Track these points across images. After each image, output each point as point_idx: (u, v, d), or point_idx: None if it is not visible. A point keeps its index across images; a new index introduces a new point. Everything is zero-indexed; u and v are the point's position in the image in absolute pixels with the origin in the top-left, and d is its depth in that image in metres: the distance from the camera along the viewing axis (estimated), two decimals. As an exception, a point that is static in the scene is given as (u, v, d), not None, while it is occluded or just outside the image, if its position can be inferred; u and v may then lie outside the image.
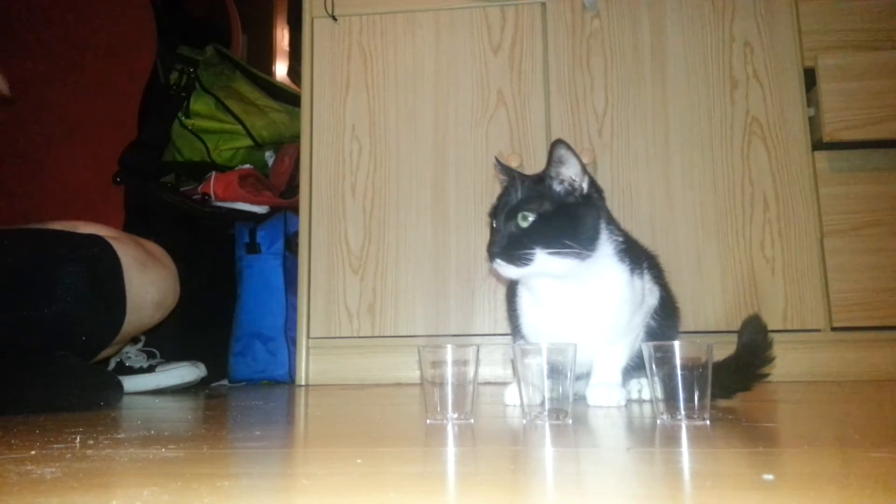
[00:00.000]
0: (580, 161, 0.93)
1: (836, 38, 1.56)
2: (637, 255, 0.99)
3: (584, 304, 0.95)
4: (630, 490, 0.46)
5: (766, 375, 1.00)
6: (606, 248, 0.94)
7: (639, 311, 0.98)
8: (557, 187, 0.93)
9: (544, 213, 0.91)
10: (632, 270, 0.96)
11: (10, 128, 2.20)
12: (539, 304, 0.99)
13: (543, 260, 0.90)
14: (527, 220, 0.91)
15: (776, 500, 0.41)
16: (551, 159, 0.93)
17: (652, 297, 1.02)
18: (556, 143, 0.92)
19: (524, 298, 1.02)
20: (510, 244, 0.91)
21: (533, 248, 0.90)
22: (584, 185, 0.93)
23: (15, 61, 2.22)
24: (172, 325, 1.40)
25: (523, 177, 0.97)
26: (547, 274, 0.93)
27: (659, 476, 0.50)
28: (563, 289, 0.95)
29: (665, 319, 1.05)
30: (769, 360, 1.00)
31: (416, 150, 1.65)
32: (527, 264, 0.90)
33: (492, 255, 0.92)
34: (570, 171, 0.92)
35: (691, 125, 1.58)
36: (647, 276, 1.00)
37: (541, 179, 0.95)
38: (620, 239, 0.96)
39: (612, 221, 0.98)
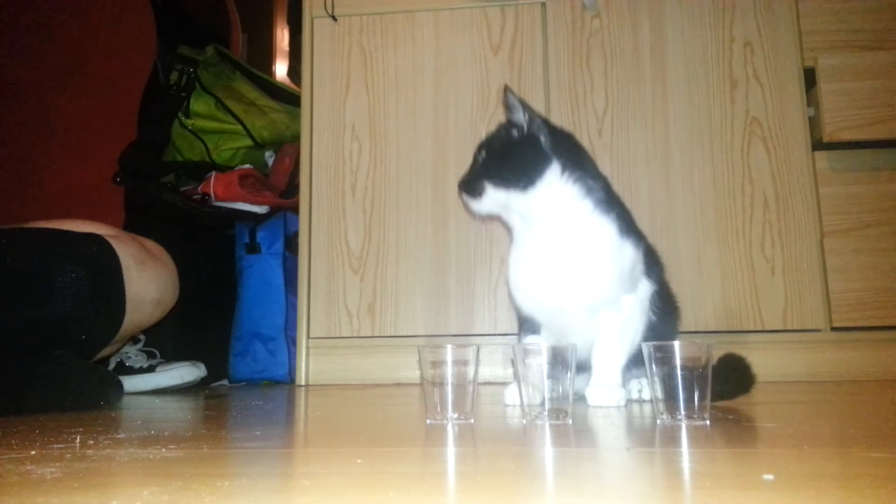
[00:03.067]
0: (524, 105, 1.02)
1: (836, 38, 1.56)
2: (629, 222, 1.02)
3: (566, 258, 0.98)
4: (630, 490, 0.46)
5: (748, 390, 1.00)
6: (569, 188, 0.99)
7: (627, 281, 0.98)
8: (511, 129, 1.04)
9: (493, 150, 1.05)
10: (620, 230, 0.98)
11: (11, 128, 2.20)
12: (523, 257, 1.03)
13: (492, 192, 1.01)
14: (482, 156, 1.05)
15: (776, 500, 0.41)
16: (504, 105, 1.04)
17: (646, 282, 1.02)
18: (504, 92, 1.03)
19: (512, 256, 1.06)
20: (470, 178, 1.05)
21: (483, 181, 1.02)
22: (525, 126, 1.02)
23: (15, 62, 2.22)
24: (172, 325, 1.40)
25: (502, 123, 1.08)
26: (504, 207, 1.02)
27: (659, 476, 0.50)
28: (545, 241, 1.00)
29: (665, 315, 1.05)
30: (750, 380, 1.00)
31: (416, 150, 1.65)
32: (479, 196, 1.02)
33: (459, 188, 1.06)
34: (516, 115, 1.02)
35: (691, 125, 1.58)
36: (639, 246, 1.01)
37: (504, 122, 1.06)
38: (599, 185, 1.01)
39: (584, 168, 1.01)
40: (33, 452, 0.60)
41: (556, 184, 0.98)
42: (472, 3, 1.67)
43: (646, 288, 1.02)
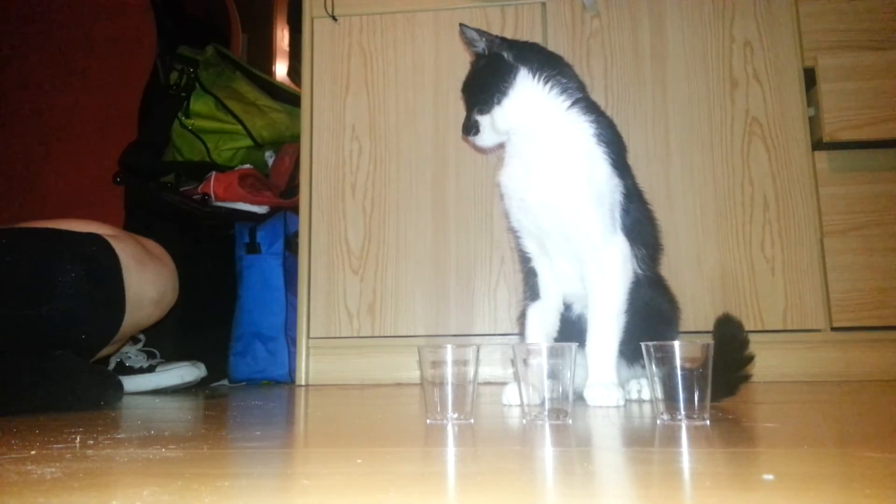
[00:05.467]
0: (480, 33, 1.07)
1: (836, 38, 1.56)
2: (611, 138, 1.03)
3: (544, 157, 1.02)
4: (630, 490, 0.46)
5: (749, 377, 0.99)
6: (542, 88, 1.03)
7: (598, 198, 0.99)
8: (478, 61, 1.09)
9: (469, 85, 1.10)
10: (597, 136, 1.00)
11: (11, 128, 2.20)
12: (512, 164, 1.07)
13: (482, 120, 1.06)
14: (464, 97, 1.10)
15: (776, 500, 0.41)
16: (465, 43, 1.10)
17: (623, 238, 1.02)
18: (460, 30, 1.09)
19: (503, 166, 1.09)
20: (466, 120, 1.09)
21: (473, 116, 1.07)
22: (486, 48, 1.07)
23: (16, 62, 2.22)
24: (172, 324, 1.40)
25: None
26: (499, 131, 1.06)
27: (659, 476, 0.50)
28: (530, 146, 1.04)
29: (660, 287, 1.08)
30: (748, 359, 0.99)
31: (416, 150, 1.65)
32: (478, 131, 1.07)
33: (462, 132, 1.11)
34: (478, 45, 1.08)
35: (691, 125, 1.58)
36: (616, 166, 1.02)
37: (471, 62, 1.12)
38: (575, 85, 1.04)
39: (554, 68, 1.05)
40: (33, 452, 0.60)
41: (528, 87, 1.03)
42: (472, 3, 1.67)
43: (624, 244, 1.02)
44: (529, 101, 1.03)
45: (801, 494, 0.42)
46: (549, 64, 1.06)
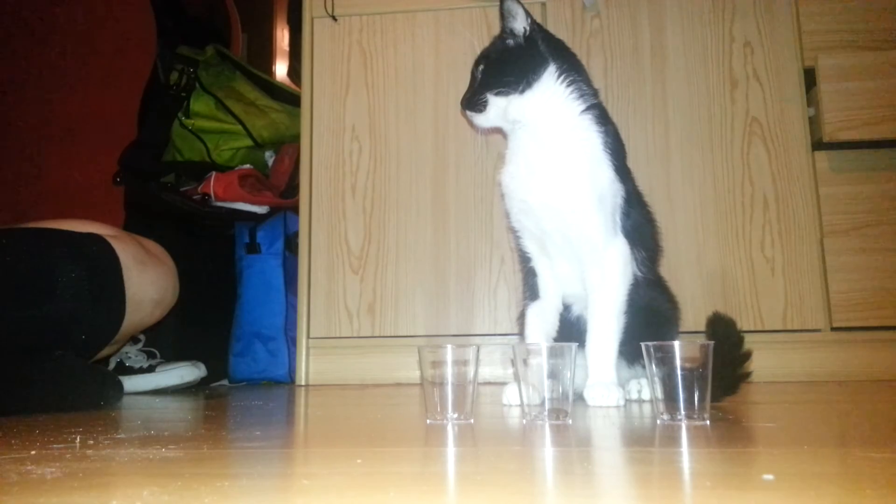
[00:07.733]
0: (525, 10, 1.04)
1: (836, 38, 1.56)
2: (616, 146, 1.03)
3: (550, 156, 1.01)
4: (630, 490, 0.46)
5: (748, 374, 0.99)
6: (563, 90, 1.02)
7: (601, 202, 0.99)
8: (506, 39, 1.06)
9: (490, 61, 1.06)
10: (604, 144, 1.00)
11: (11, 128, 2.20)
12: (515, 160, 1.06)
13: (494, 101, 1.03)
14: (480, 70, 1.06)
15: (776, 500, 0.41)
16: (501, 14, 1.06)
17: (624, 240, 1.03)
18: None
19: (506, 162, 1.08)
20: (471, 94, 1.06)
21: (484, 94, 1.04)
22: (528, 29, 1.04)
23: (15, 61, 2.22)
24: (172, 324, 1.40)
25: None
26: (504, 117, 1.04)
27: (659, 476, 0.50)
28: (536, 143, 1.02)
29: (659, 286, 1.08)
30: (745, 356, 0.99)
31: (416, 150, 1.65)
32: (483, 109, 1.04)
33: (461, 105, 1.07)
34: (515, 22, 1.04)
35: (691, 125, 1.58)
36: (618, 172, 1.02)
37: (499, 34, 1.08)
38: (591, 92, 1.03)
39: (579, 73, 1.04)
40: (33, 452, 0.60)
41: (551, 86, 1.02)
42: (472, 3, 1.67)
43: (625, 247, 1.02)
44: (549, 98, 1.02)
45: (801, 494, 0.42)
46: (573, 66, 1.05)
